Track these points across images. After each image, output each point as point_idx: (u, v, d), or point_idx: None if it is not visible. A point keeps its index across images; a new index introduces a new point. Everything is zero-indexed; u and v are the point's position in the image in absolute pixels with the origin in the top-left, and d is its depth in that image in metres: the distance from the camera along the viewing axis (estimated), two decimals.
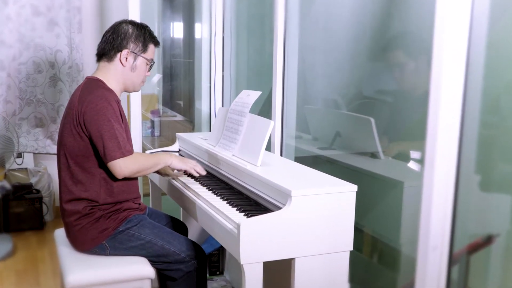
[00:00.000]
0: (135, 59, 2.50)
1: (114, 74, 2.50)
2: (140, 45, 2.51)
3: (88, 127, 2.33)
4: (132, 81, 2.54)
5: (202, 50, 4.16)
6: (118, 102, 2.43)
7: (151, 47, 2.56)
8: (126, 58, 2.48)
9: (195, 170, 2.60)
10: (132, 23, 2.54)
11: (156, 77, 5.27)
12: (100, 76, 2.50)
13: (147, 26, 2.58)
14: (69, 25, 4.58)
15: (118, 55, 2.48)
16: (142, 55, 2.52)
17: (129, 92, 2.62)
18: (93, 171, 2.40)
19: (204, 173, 2.63)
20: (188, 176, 2.75)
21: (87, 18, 4.73)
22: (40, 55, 4.57)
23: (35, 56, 4.56)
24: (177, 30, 5.39)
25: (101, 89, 2.41)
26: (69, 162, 2.41)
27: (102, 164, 2.37)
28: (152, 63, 2.59)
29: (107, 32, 2.53)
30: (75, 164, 2.40)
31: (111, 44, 2.49)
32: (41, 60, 4.58)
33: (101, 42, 2.53)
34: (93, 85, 2.44)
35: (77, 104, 2.37)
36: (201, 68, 4.20)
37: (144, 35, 2.52)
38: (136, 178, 2.54)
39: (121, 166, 2.32)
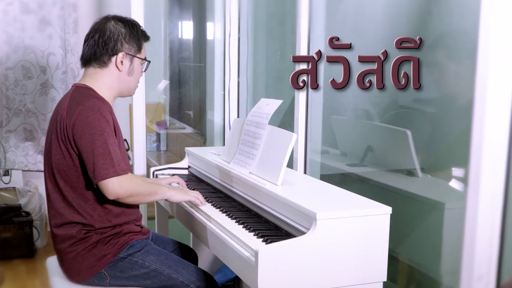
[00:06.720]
0: (131, 61, 2.55)
1: (108, 80, 2.53)
2: (135, 45, 2.55)
3: (78, 142, 2.34)
4: (128, 86, 2.60)
5: (214, 53, 4.18)
6: (112, 113, 2.46)
7: (144, 45, 2.62)
8: (122, 62, 2.52)
9: (199, 200, 2.60)
10: (120, 20, 2.56)
11: (163, 83, 5.29)
12: (90, 83, 2.51)
13: (137, 22, 2.61)
14: (63, 24, 4.63)
15: (113, 59, 2.51)
16: (138, 55, 2.57)
17: (124, 97, 2.67)
18: (85, 192, 2.41)
19: (205, 204, 2.63)
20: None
21: (83, 17, 4.76)
22: (30, 58, 4.62)
23: (25, 60, 4.61)
24: (186, 30, 5.43)
25: (92, 98, 2.42)
26: (59, 183, 2.43)
27: (92, 184, 2.36)
28: (147, 62, 2.64)
29: (92, 33, 2.53)
30: (65, 184, 2.42)
31: (103, 47, 2.50)
32: (31, 64, 4.63)
33: (87, 45, 2.53)
34: (83, 94, 2.45)
35: (66, 117, 2.38)
36: (213, 73, 4.22)
37: (137, 33, 2.57)
38: None
39: (115, 185, 2.30)
